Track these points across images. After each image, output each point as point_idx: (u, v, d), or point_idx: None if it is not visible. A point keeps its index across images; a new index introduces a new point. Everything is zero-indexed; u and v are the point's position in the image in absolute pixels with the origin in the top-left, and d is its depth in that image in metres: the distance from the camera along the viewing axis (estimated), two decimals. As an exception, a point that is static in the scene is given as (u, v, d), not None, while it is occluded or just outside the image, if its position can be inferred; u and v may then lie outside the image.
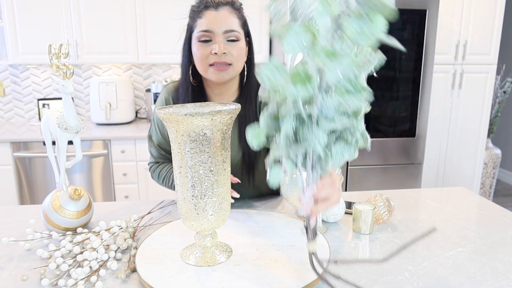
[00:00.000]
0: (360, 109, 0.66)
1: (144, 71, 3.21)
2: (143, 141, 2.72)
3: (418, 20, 2.57)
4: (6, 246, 0.99)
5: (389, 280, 0.83)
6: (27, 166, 2.68)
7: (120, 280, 0.83)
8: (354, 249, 0.97)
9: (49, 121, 1.04)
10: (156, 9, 2.80)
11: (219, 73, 1.08)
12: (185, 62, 1.14)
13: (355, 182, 2.75)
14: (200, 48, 1.07)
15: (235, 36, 1.08)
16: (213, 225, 0.84)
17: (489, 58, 2.99)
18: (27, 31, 2.73)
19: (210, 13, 1.06)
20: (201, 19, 1.07)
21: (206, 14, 1.07)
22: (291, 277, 0.79)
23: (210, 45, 1.07)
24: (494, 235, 1.05)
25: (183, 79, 1.16)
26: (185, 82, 1.15)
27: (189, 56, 1.13)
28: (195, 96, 1.16)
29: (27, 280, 0.82)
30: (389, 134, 2.71)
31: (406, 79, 2.65)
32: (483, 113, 3.08)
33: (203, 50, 1.07)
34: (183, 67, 1.15)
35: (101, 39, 2.81)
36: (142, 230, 1.07)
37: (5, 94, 3.11)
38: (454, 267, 0.89)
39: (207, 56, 1.07)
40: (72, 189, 1.05)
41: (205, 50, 1.07)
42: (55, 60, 0.96)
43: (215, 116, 0.76)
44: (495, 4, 2.89)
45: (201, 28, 1.06)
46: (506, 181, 4.34)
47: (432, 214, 1.19)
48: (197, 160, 0.79)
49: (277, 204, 1.27)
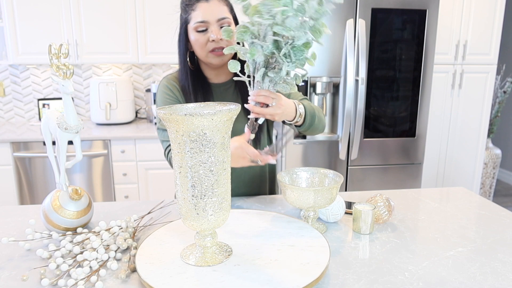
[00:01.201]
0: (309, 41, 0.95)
1: (144, 71, 3.21)
2: (143, 141, 2.72)
3: (418, 20, 2.57)
4: (6, 246, 0.99)
5: (389, 280, 0.83)
6: (27, 166, 2.68)
7: (120, 280, 0.83)
8: (354, 249, 0.97)
9: (49, 121, 1.04)
10: (156, 9, 2.80)
11: (219, 57, 1.21)
12: (182, 51, 1.25)
13: (355, 182, 2.75)
14: (198, 38, 1.19)
15: (227, 22, 1.20)
16: (213, 225, 0.84)
17: (489, 58, 2.99)
18: (27, 31, 2.73)
19: (202, 4, 1.18)
20: (195, 11, 1.18)
21: (199, 6, 1.18)
22: (291, 277, 0.79)
23: (206, 33, 1.18)
24: (494, 235, 1.05)
25: (181, 65, 1.27)
26: (184, 68, 1.27)
27: (185, 44, 1.24)
28: (194, 79, 1.26)
29: (27, 280, 0.82)
30: (389, 134, 2.71)
31: (406, 79, 2.65)
32: (483, 113, 3.08)
33: (201, 39, 1.19)
34: (181, 55, 1.26)
35: (101, 39, 2.81)
36: (142, 230, 1.07)
37: (5, 94, 3.11)
38: (454, 267, 0.89)
39: (206, 44, 1.19)
40: (72, 189, 1.05)
41: (203, 39, 1.19)
42: (55, 60, 0.95)
43: (215, 116, 0.76)
44: (495, 4, 2.89)
45: (197, 19, 1.17)
46: (506, 181, 4.34)
47: (432, 214, 1.19)
48: (197, 160, 0.79)
49: (277, 204, 1.27)
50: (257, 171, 1.36)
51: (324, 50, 2.53)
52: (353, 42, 2.51)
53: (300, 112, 1.16)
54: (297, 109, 1.15)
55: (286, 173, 1.12)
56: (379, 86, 2.63)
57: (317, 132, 1.28)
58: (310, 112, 1.20)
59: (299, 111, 1.15)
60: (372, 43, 2.55)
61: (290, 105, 1.12)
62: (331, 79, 2.58)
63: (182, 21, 1.23)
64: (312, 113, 1.21)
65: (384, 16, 2.53)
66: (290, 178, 1.12)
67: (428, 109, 2.72)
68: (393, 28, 2.56)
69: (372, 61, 2.58)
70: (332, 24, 2.50)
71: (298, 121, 1.17)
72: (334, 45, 2.53)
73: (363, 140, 2.69)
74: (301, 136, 2.63)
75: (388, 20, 2.54)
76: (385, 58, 2.59)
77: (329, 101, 2.69)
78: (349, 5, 2.49)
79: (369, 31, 2.53)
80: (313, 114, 1.21)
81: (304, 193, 0.99)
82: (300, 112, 1.16)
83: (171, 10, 2.77)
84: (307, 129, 1.23)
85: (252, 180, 1.36)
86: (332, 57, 2.55)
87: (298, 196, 1.00)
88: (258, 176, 1.37)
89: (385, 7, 2.52)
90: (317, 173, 1.12)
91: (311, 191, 0.98)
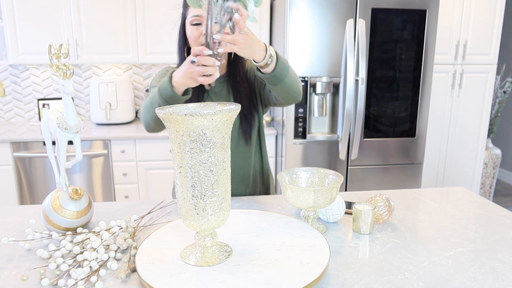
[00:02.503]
0: None
1: (144, 71, 3.21)
2: (143, 141, 2.72)
3: (418, 20, 2.57)
4: (6, 246, 0.99)
5: (389, 280, 0.83)
6: (27, 166, 2.68)
7: (120, 280, 0.83)
8: (354, 249, 0.97)
9: (49, 121, 1.04)
10: (156, 9, 2.80)
11: None
12: (180, 45, 1.30)
13: (355, 182, 2.75)
14: (193, 31, 1.22)
15: None
16: (213, 225, 0.84)
17: (489, 58, 2.99)
18: (27, 31, 2.73)
19: None
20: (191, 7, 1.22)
21: None
22: (291, 277, 0.79)
23: (200, 27, 1.21)
24: (494, 235, 1.05)
25: (179, 60, 1.31)
26: (181, 63, 1.29)
27: (183, 39, 1.28)
28: None
29: (27, 280, 0.82)
30: (389, 134, 2.72)
31: (406, 79, 2.65)
32: (483, 113, 3.08)
33: (195, 32, 1.22)
34: (179, 49, 1.31)
35: (101, 39, 2.81)
36: (142, 230, 1.07)
37: (5, 94, 3.11)
38: (454, 267, 0.89)
39: (199, 37, 1.22)
40: (72, 189, 1.05)
41: (197, 32, 1.22)
42: (55, 60, 0.95)
43: (215, 116, 0.76)
44: (495, 4, 2.89)
45: (192, 14, 1.21)
46: (506, 181, 4.34)
47: (432, 214, 1.19)
48: (197, 160, 0.79)
49: (277, 204, 1.27)
50: (249, 171, 1.36)
51: (324, 50, 2.53)
52: (353, 42, 2.51)
53: (271, 54, 1.06)
54: (267, 49, 1.05)
55: (286, 173, 1.12)
56: (379, 86, 2.63)
57: (291, 96, 1.19)
58: (282, 60, 1.10)
59: (270, 52, 1.06)
60: (372, 43, 2.55)
61: (259, 43, 1.03)
62: (331, 79, 2.58)
63: (182, 17, 1.28)
64: (285, 63, 1.11)
65: (384, 16, 2.53)
66: (290, 178, 1.12)
67: (428, 109, 2.72)
68: (393, 28, 2.56)
69: (372, 61, 2.58)
70: (332, 24, 2.50)
71: (268, 63, 1.06)
72: (334, 45, 2.53)
73: (363, 140, 2.69)
74: (301, 136, 2.64)
75: (388, 20, 2.54)
76: (385, 58, 2.59)
77: (329, 101, 2.69)
78: (349, 5, 2.49)
79: (369, 31, 2.53)
80: (286, 65, 1.12)
81: (304, 193, 0.99)
82: (271, 54, 1.06)
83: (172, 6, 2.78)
84: (279, 83, 1.12)
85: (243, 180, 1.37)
86: (332, 57, 2.55)
87: (298, 196, 1.00)
88: (251, 176, 1.38)
89: (385, 7, 2.52)
90: (317, 173, 1.12)
91: (311, 191, 0.98)
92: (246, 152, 1.35)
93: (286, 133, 2.63)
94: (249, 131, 1.33)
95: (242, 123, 1.32)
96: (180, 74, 1.06)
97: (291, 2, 2.45)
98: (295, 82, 1.17)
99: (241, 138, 1.33)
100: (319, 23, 2.49)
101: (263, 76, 1.11)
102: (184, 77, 1.05)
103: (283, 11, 2.56)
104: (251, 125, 1.33)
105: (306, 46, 2.51)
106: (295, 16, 2.47)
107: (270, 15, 2.95)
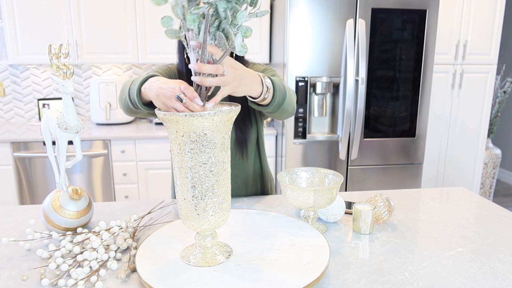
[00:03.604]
0: None
1: (144, 71, 3.21)
2: (143, 141, 2.72)
3: (418, 20, 2.57)
4: (6, 246, 0.99)
5: (389, 280, 0.83)
6: (27, 166, 2.68)
7: (120, 280, 0.83)
8: (354, 249, 0.97)
9: (49, 121, 1.04)
10: (156, 9, 2.80)
11: None
12: (180, 46, 1.28)
13: (355, 182, 2.75)
14: None
15: None
16: (214, 226, 0.84)
17: (489, 58, 2.99)
18: (27, 31, 2.73)
19: None
20: None
21: None
22: (291, 277, 0.79)
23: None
24: (494, 235, 1.05)
25: (179, 60, 1.29)
26: (180, 63, 1.28)
27: None
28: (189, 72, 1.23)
29: (27, 280, 0.82)
30: (389, 134, 2.72)
31: (406, 79, 2.65)
32: (483, 113, 3.08)
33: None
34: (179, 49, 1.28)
35: (101, 39, 2.81)
36: (142, 230, 1.07)
37: (5, 94, 3.11)
38: (454, 267, 0.89)
39: None
40: (72, 189, 1.05)
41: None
42: (55, 60, 0.95)
43: (216, 116, 0.76)
44: (495, 4, 2.89)
45: None
46: (506, 181, 4.34)
47: (432, 214, 1.19)
48: (197, 160, 0.79)
49: (277, 204, 1.27)
50: (250, 172, 1.36)
51: (324, 50, 2.53)
52: (353, 42, 2.51)
53: (268, 86, 0.96)
54: (263, 82, 0.95)
55: (286, 173, 1.12)
56: (379, 86, 2.63)
57: (286, 116, 1.11)
58: (279, 88, 1.01)
59: (266, 84, 0.95)
60: (372, 43, 2.55)
61: (253, 75, 0.91)
62: (331, 79, 2.58)
63: None
64: (282, 90, 1.02)
65: (384, 16, 2.53)
66: (290, 178, 1.12)
67: (428, 109, 2.72)
68: (393, 28, 2.56)
69: (372, 61, 2.58)
70: (332, 24, 2.50)
71: (266, 97, 0.97)
72: (334, 45, 2.53)
73: (363, 140, 2.69)
74: (301, 136, 2.64)
75: (388, 20, 2.54)
76: (385, 58, 2.59)
77: (329, 101, 2.69)
78: (349, 5, 2.49)
79: (369, 31, 2.53)
80: (283, 91, 1.03)
81: (304, 193, 0.99)
82: (268, 86, 0.96)
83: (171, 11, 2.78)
84: (276, 110, 1.04)
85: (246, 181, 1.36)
86: (332, 57, 2.55)
87: (298, 196, 1.00)
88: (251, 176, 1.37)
89: (385, 7, 2.52)
90: (317, 173, 1.12)
91: (311, 191, 0.98)
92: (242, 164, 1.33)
93: (286, 133, 2.63)
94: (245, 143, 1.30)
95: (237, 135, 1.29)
96: (153, 95, 0.89)
97: (291, 2, 2.45)
98: (291, 102, 1.09)
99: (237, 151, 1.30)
100: (319, 23, 2.49)
101: (261, 108, 1.02)
102: (157, 100, 0.88)
103: (283, 11, 2.56)
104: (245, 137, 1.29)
105: (306, 46, 2.51)
106: (295, 16, 2.47)
107: (270, 15, 2.95)
